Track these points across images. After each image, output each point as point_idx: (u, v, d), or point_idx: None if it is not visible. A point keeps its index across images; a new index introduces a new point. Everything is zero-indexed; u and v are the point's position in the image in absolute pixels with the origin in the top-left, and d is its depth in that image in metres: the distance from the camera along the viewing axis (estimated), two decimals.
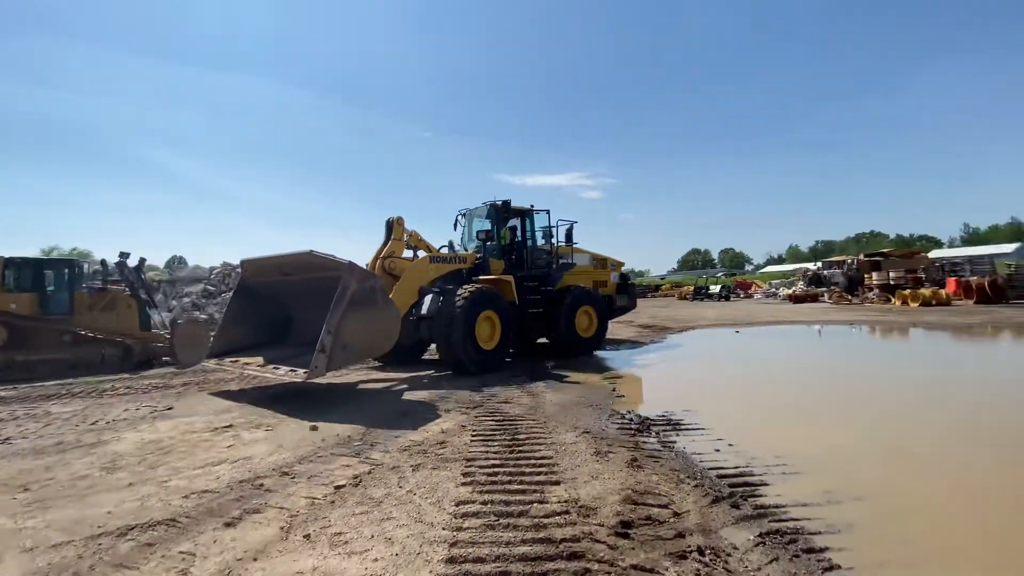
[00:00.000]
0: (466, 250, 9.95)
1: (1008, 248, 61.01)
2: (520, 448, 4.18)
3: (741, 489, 3.37)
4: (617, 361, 9.46)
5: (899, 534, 2.77)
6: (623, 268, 12.18)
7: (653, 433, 4.72)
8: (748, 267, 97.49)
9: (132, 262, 11.21)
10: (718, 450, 4.18)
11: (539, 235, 10.46)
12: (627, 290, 12.04)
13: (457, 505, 3.08)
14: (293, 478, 3.57)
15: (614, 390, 6.71)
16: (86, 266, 12.97)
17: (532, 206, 10.30)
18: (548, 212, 10.42)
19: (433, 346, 8.74)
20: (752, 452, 4.08)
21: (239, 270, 8.63)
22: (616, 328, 13.34)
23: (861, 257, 29.66)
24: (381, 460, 3.90)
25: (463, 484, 3.42)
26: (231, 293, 8.79)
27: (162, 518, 3.02)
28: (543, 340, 10.21)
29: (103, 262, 12.38)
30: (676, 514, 3.01)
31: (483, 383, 7.19)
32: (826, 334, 13.25)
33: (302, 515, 2.98)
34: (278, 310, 8.16)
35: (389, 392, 7.03)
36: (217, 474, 3.70)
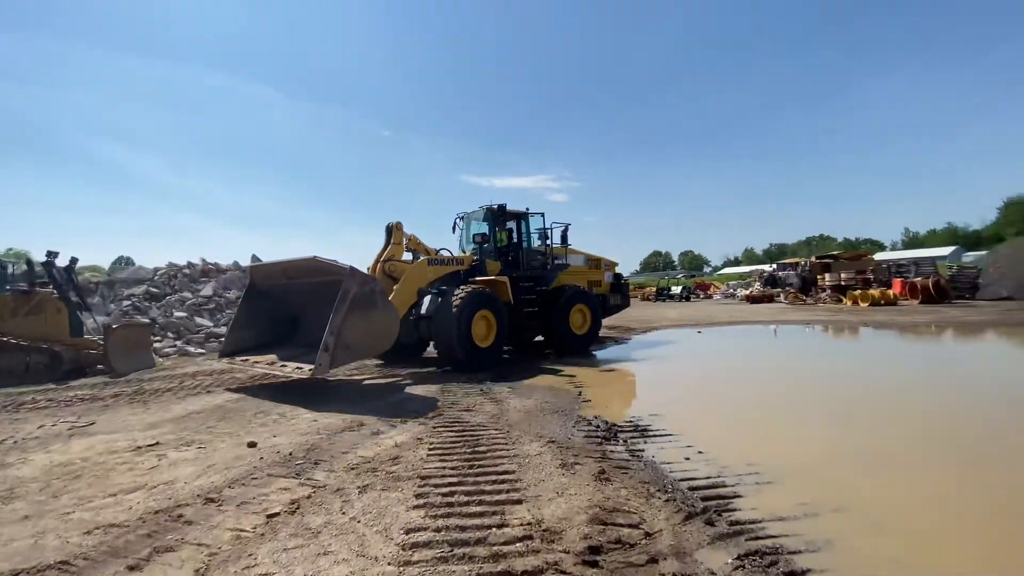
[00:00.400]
0: (464, 252, 10.30)
1: (945, 251, 64.99)
2: (480, 462, 3.86)
3: (714, 503, 3.16)
4: (582, 363, 9.28)
5: (883, 551, 2.60)
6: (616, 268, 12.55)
7: (621, 441, 4.49)
8: (707, 269, 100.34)
9: (62, 261, 10.27)
10: (688, 458, 3.98)
11: (535, 237, 10.80)
12: (621, 289, 12.40)
13: (407, 533, 2.74)
14: (219, 506, 3.13)
15: (580, 394, 6.49)
16: (10, 267, 11.87)
17: (527, 209, 10.61)
18: (543, 215, 10.78)
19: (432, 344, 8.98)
20: (723, 460, 3.90)
21: (246, 273, 8.84)
22: None
23: (813, 259, 30.74)
24: (324, 481, 3.50)
25: (415, 507, 3.07)
26: (241, 296, 9.06)
27: (55, 560, 2.56)
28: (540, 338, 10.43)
29: (28, 262, 11.33)
30: (648, 535, 2.77)
31: (468, 379, 6.86)
32: (785, 333, 13.50)
33: (224, 553, 2.57)
34: (284, 312, 8.49)
35: (358, 393, 6.60)
36: (130, 503, 3.22)
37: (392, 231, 9.51)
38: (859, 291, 21.39)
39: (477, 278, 9.41)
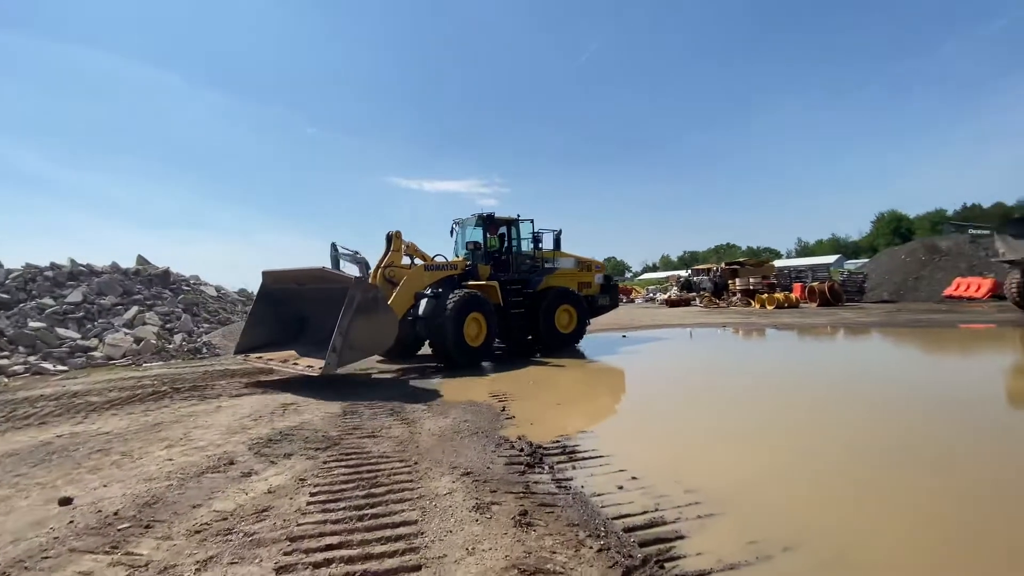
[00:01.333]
0: (457, 256, 11.04)
1: (831, 259, 72.18)
2: (375, 510, 3.11)
3: (655, 548, 2.64)
4: (508, 371, 8.69)
5: None
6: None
7: (546, 467, 3.92)
8: (628, 274, 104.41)
9: None
10: (621, 487, 3.48)
11: (525, 242, 11.46)
12: (610, 291, 12.90)
13: None
14: None
15: (504, 409, 5.88)
16: None
17: (518, 216, 11.35)
18: (532, 221, 11.49)
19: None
20: (660, 487, 3.43)
21: (262, 279, 9.40)
22: None
23: (723, 265, 32.56)
24: (149, 556, 2.57)
25: None
26: (255, 299, 9.75)
27: None
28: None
29: None
30: None
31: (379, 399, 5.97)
32: (705, 337, 13.76)
33: None
34: (293, 313, 9.22)
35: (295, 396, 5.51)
36: None
37: (392, 239, 10.18)
38: (766, 295, 22.71)
39: (469, 282, 10.15)
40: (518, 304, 10.68)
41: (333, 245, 26.25)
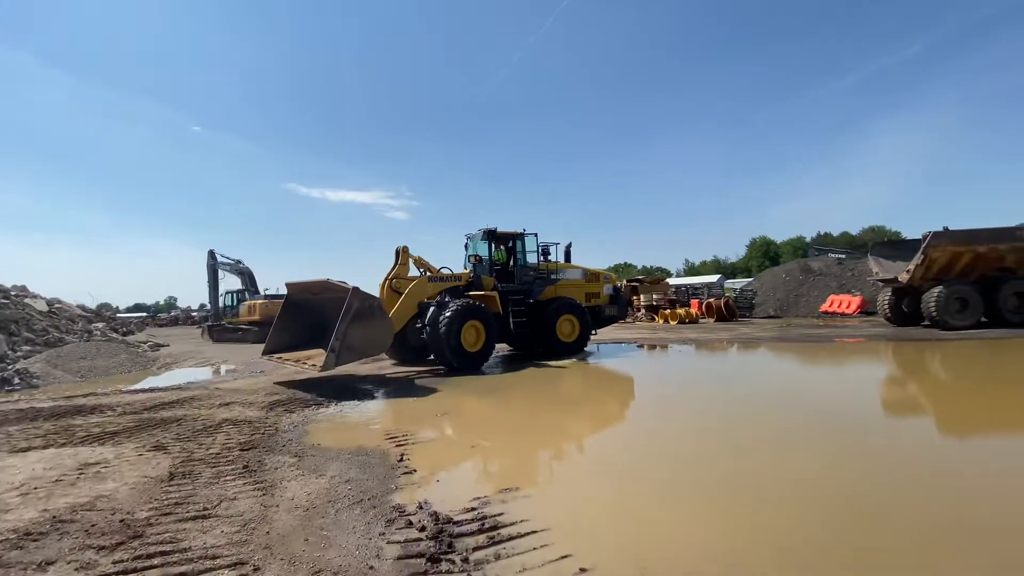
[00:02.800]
0: (465, 268, 11.85)
1: (713, 278, 78.85)
2: None
3: None
4: (411, 401, 7.31)
5: None
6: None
7: (457, 559, 2.71)
8: None
9: None
10: None
11: (532, 255, 11.96)
12: (618, 301, 13.21)
13: None
14: None
15: (401, 459, 4.55)
16: None
17: (524, 230, 11.99)
18: (536, 235, 12.06)
19: None
20: None
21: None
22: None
23: (625, 282, 33.52)
24: None
25: None
26: (281, 307, 11.01)
27: None
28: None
29: None
30: None
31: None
32: (625, 352, 13.31)
33: None
34: (315, 319, 10.07)
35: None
36: None
37: (399, 253, 11.03)
38: (668, 311, 23.36)
39: (471, 292, 10.98)
40: (520, 313, 11.24)
41: (211, 253, 24.22)
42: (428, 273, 11.31)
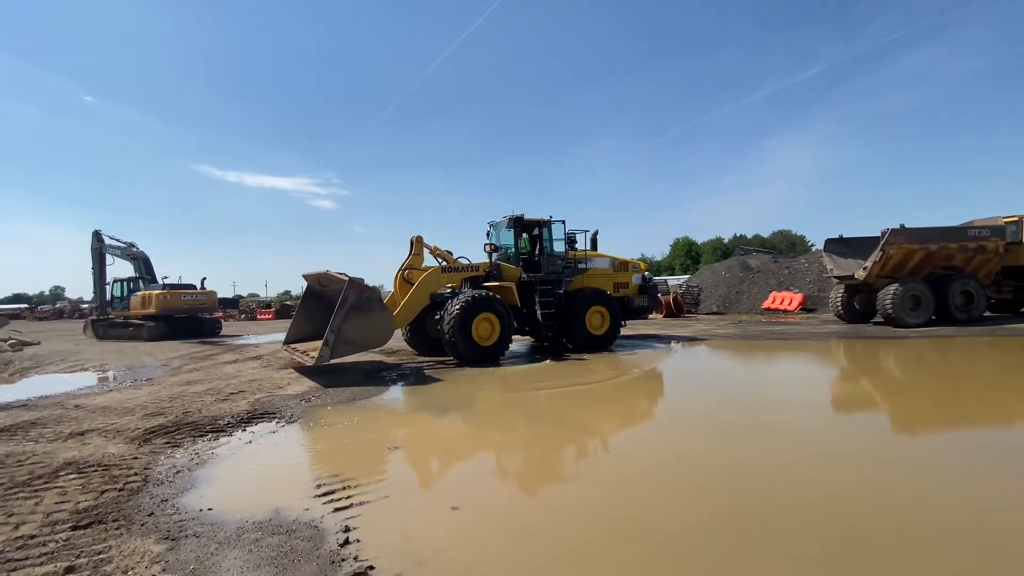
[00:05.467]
0: (490, 259, 11.23)
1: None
2: None
3: None
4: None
5: None
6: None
7: None
8: None
9: None
10: None
11: (558, 243, 11.31)
12: (648, 291, 12.41)
13: None
14: None
15: (346, 542, 2.84)
16: None
17: (550, 217, 11.33)
18: (563, 222, 11.35)
19: None
20: None
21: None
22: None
23: None
24: None
25: None
26: (301, 297, 11.29)
27: None
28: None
29: None
30: None
31: None
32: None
33: None
34: (328, 310, 9.20)
35: None
36: None
37: (413, 244, 10.64)
38: None
39: (487, 283, 10.55)
40: (548, 304, 10.68)
41: (96, 234, 21.28)
42: (443, 263, 10.81)
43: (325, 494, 3.56)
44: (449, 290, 10.44)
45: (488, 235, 11.79)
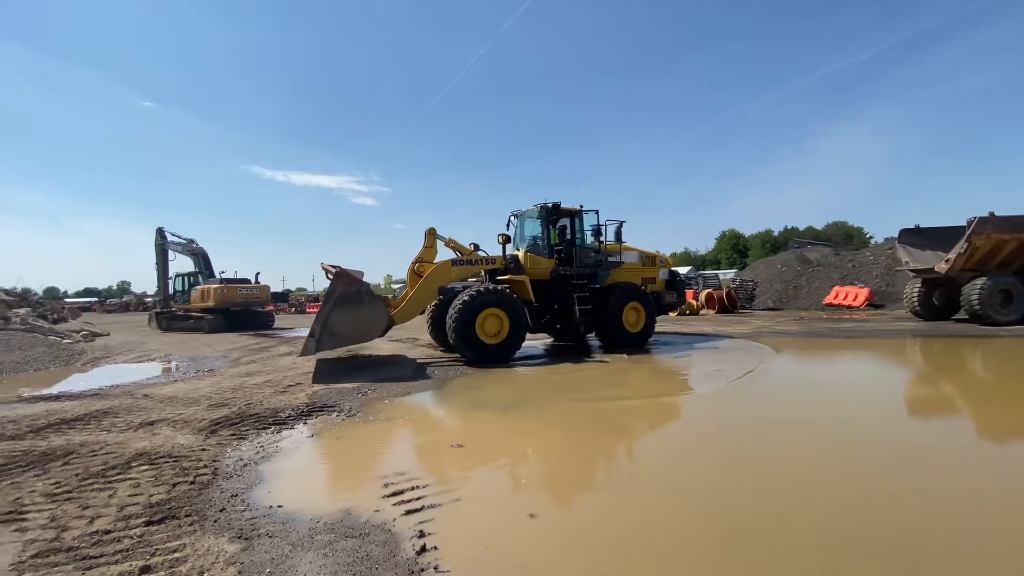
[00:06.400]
0: (518, 249, 10.63)
1: (683, 269, 78.78)
2: None
3: None
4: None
5: None
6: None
7: None
8: None
9: None
10: None
11: (588, 234, 10.76)
12: (676, 287, 11.97)
13: None
14: None
15: (423, 549, 2.65)
16: None
17: (581, 206, 10.60)
18: (596, 212, 10.73)
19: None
20: None
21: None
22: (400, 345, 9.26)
23: None
24: None
25: None
26: None
27: None
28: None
29: None
30: None
31: None
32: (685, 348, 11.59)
33: None
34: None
35: None
36: None
37: (427, 236, 10.24)
38: None
39: (499, 277, 10.15)
40: (583, 300, 10.10)
41: (159, 231, 21.84)
42: (461, 255, 10.41)
43: (394, 494, 3.39)
44: (460, 284, 10.15)
45: (508, 225, 11.16)
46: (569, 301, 10.09)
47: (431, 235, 10.29)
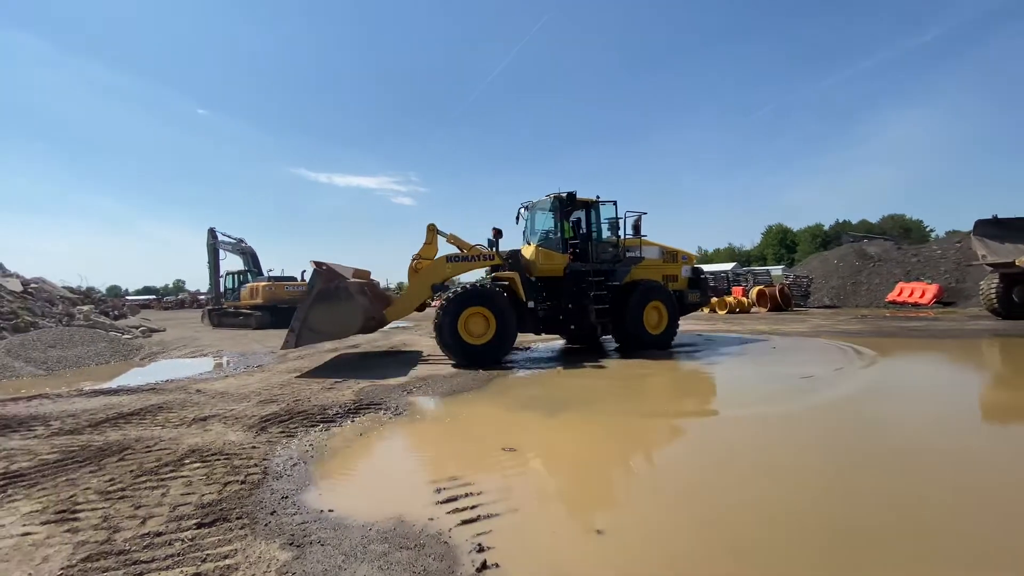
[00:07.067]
0: (528, 243, 10.25)
1: (727, 266, 75.92)
2: None
3: None
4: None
5: None
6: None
7: None
8: None
9: None
10: None
11: (605, 227, 10.15)
12: (699, 285, 11.14)
13: None
14: None
15: (483, 566, 2.42)
16: None
17: (598, 197, 9.98)
18: (615, 203, 10.03)
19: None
20: None
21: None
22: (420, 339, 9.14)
23: None
24: None
25: None
26: None
27: None
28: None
29: None
30: None
31: None
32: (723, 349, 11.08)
33: None
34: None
35: None
36: None
37: (427, 231, 10.00)
38: (715, 299, 21.06)
39: (494, 275, 9.94)
40: (600, 299, 9.42)
41: (211, 231, 22.51)
42: (461, 251, 10.13)
43: (447, 500, 3.18)
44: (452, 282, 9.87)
45: (518, 218, 10.55)
46: (584, 300, 9.44)
47: (431, 231, 10.01)
